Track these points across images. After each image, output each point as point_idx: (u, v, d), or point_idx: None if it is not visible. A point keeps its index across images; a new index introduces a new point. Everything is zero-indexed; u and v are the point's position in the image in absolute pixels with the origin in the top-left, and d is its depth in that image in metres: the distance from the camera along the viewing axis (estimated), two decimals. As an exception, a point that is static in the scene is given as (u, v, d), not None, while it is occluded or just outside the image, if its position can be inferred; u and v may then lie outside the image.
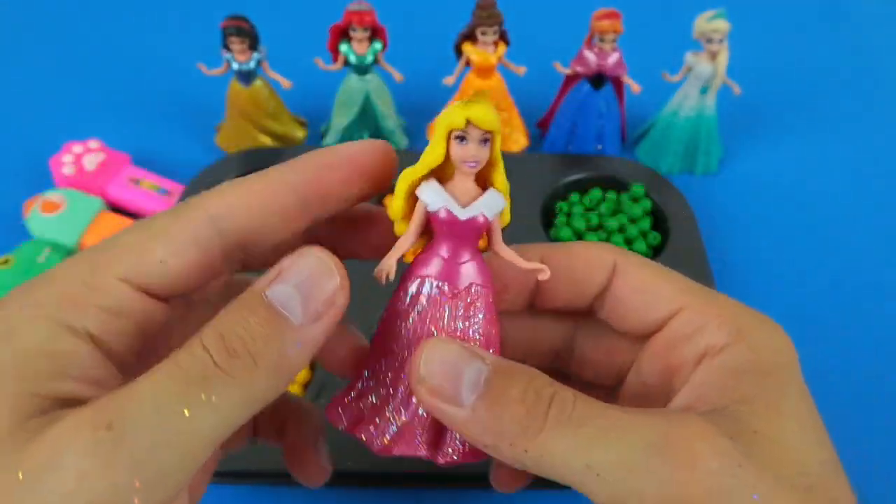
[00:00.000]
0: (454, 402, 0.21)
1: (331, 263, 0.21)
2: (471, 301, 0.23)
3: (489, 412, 0.20)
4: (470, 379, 0.21)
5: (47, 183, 0.59)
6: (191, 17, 0.78)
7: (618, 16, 0.57)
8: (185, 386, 0.19)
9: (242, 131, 0.61)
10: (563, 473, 0.20)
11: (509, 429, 0.20)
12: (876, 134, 0.70)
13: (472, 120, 0.21)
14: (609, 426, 0.20)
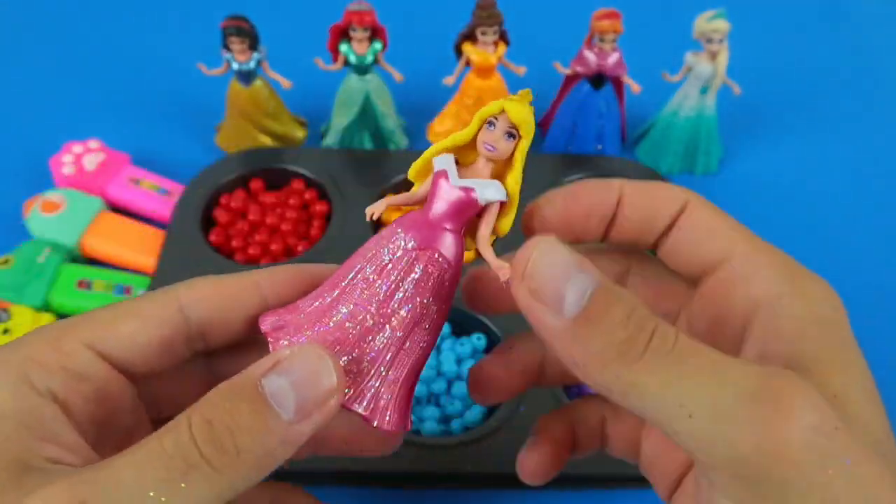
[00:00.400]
0: (555, 309, 0.20)
1: (330, 363, 0.21)
2: (427, 272, 0.23)
3: (589, 329, 0.19)
4: (576, 289, 0.20)
5: (47, 183, 0.59)
6: (191, 17, 0.78)
7: (618, 16, 0.57)
8: (166, 472, 0.19)
9: (242, 131, 0.61)
10: (653, 408, 0.19)
11: (606, 351, 0.19)
12: (876, 134, 0.70)
13: (506, 109, 0.23)
14: (709, 367, 0.19)
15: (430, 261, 0.23)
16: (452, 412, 0.45)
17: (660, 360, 0.19)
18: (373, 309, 0.23)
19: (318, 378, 0.21)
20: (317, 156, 0.60)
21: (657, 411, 0.19)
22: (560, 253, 0.20)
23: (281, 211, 0.56)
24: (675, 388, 0.19)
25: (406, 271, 0.23)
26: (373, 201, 0.61)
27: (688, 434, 0.19)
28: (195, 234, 0.53)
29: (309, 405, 0.20)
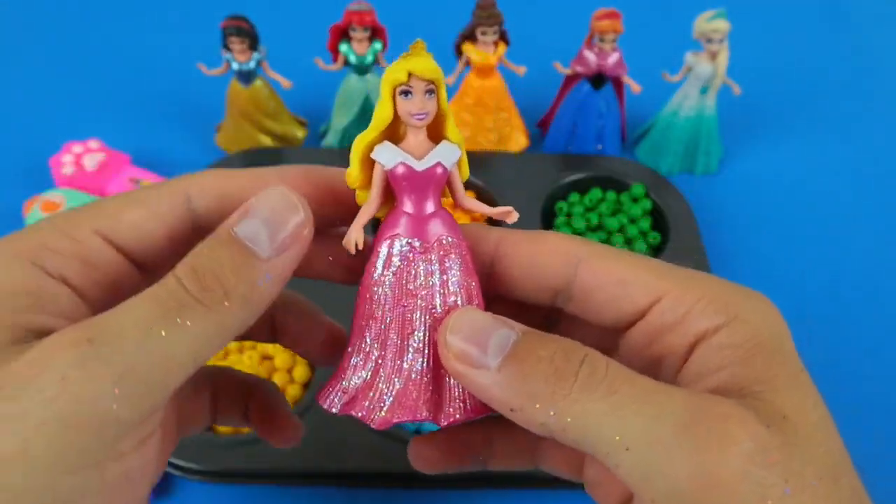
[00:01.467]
0: (481, 365, 0.20)
1: (294, 198, 0.22)
2: (444, 254, 0.23)
3: (516, 372, 0.20)
4: (497, 343, 0.21)
5: (47, 183, 0.59)
6: (191, 17, 0.78)
7: (618, 16, 0.57)
8: (162, 311, 0.20)
9: (242, 131, 0.61)
10: (591, 442, 0.19)
11: (537, 389, 0.19)
12: (876, 134, 0.70)
13: (414, 71, 0.22)
14: (643, 396, 0.19)
15: (442, 248, 0.23)
16: (452, 412, 0.45)
17: (592, 391, 0.19)
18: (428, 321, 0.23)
19: (285, 213, 0.22)
20: (317, 156, 0.60)
21: (595, 445, 0.19)
22: (475, 315, 0.22)
23: (281, 211, 0.56)
24: (611, 420, 0.19)
25: (431, 273, 0.23)
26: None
27: (627, 467, 0.19)
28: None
29: (284, 238, 0.22)
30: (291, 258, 0.22)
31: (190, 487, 0.44)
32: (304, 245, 0.22)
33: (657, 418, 0.19)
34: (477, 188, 0.58)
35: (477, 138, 0.62)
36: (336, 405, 0.24)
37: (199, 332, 0.20)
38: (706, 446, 0.18)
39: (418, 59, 0.22)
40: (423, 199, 0.23)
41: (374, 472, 0.42)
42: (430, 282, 0.23)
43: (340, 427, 0.43)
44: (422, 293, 0.23)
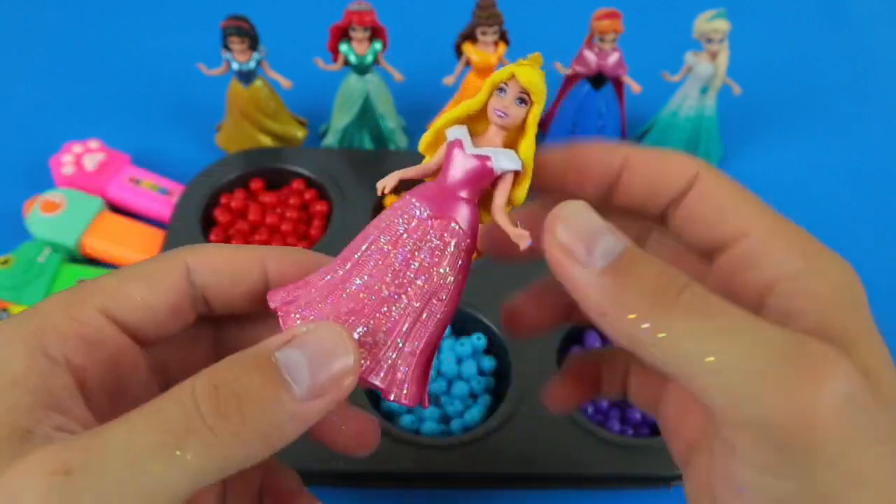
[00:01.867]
0: (584, 262, 0.19)
1: (348, 341, 0.20)
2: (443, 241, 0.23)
3: (619, 280, 0.19)
4: (605, 247, 0.20)
5: (47, 183, 0.59)
6: (191, 17, 0.78)
7: (618, 16, 0.57)
8: (162, 436, 0.18)
9: (242, 131, 0.61)
10: (679, 361, 0.19)
11: (636, 301, 0.19)
12: (876, 134, 0.70)
13: (516, 74, 0.22)
14: (742, 324, 0.19)
15: (446, 230, 0.23)
16: (452, 412, 0.45)
17: (691, 312, 0.19)
18: (388, 279, 0.22)
19: (334, 355, 0.20)
20: (317, 156, 0.60)
21: (684, 365, 0.18)
22: (590, 213, 0.21)
23: (281, 211, 0.56)
24: (706, 341, 0.18)
25: (422, 240, 0.23)
26: (373, 202, 0.62)
27: (715, 389, 0.18)
28: (195, 234, 0.53)
29: (324, 382, 0.19)
30: (324, 406, 0.20)
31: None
32: (342, 396, 0.20)
33: (755, 345, 0.18)
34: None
35: (477, 138, 0.62)
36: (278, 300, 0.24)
37: (197, 468, 0.18)
38: (804, 380, 0.18)
39: (526, 68, 0.22)
40: (459, 180, 0.23)
41: (373, 473, 0.42)
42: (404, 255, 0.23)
43: (340, 427, 0.43)
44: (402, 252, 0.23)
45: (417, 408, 0.46)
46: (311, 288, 0.23)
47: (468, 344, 0.47)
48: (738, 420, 0.18)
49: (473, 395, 0.46)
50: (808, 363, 0.18)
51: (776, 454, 0.18)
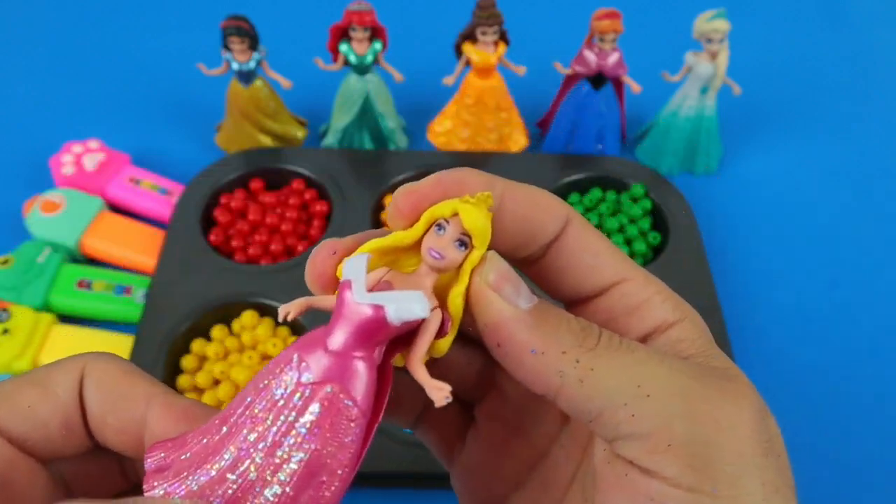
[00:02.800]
0: (512, 302, 0.20)
1: None
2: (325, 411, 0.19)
3: (545, 320, 0.20)
4: (527, 292, 0.20)
5: (47, 183, 0.59)
6: (191, 17, 0.78)
7: (618, 16, 0.57)
8: None
9: (242, 131, 0.61)
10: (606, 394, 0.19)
11: (565, 339, 0.20)
12: (876, 134, 0.70)
13: (461, 213, 0.19)
14: (659, 357, 0.20)
15: (329, 399, 0.19)
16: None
17: (613, 349, 0.20)
18: (258, 458, 0.19)
19: None
20: (317, 156, 0.60)
21: (611, 396, 0.19)
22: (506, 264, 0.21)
23: (281, 211, 0.56)
24: (632, 372, 0.19)
25: (300, 411, 0.19)
26: (373, 201, 0.61)
27: (646, 414, 0.19)
28: (195, 234, 0.53)
29: None
30: None
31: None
32: None
33: (678, 371, 0.20)
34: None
35: (477, 138, 0.62)
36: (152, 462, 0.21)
37: None
38: (723, 397, 0.19)
39: (472, 208, 0.19)
40: (348, 334, 0.19)
41: (373, 473, 0.42)
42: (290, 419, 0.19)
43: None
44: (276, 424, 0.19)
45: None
46: (186, 450, 0.20)
47: (468, 344, 0.47)
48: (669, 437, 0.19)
49: (473, 395, 0.46)
50: (726, 384, 0.20)
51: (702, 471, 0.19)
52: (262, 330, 0.49)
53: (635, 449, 0.19)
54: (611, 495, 0.20)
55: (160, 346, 0.47)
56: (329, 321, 0.20)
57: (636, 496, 0.19)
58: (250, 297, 0.50)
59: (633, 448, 0.19)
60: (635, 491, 0.19)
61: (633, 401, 0.19)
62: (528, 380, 0.20)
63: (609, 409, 0.19)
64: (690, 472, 0.19)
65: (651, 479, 0.19)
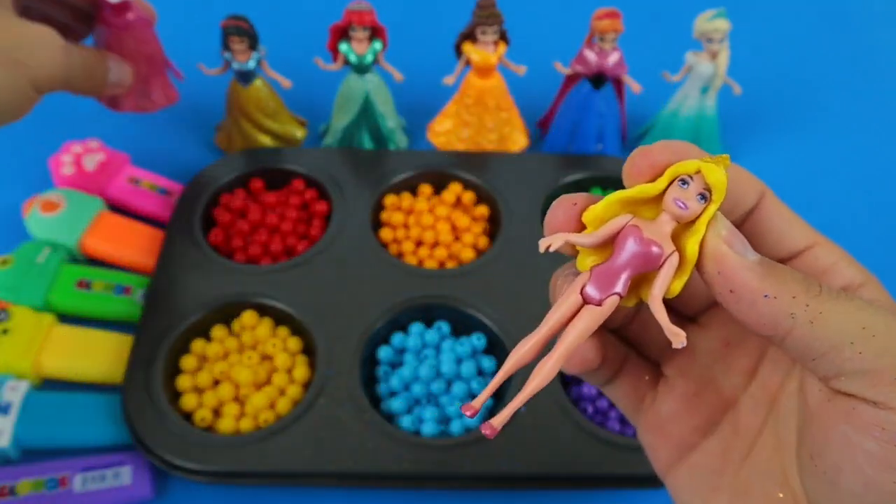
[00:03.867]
0: (742, 253, 0.22)
1: None
2: None
3: (773, 270, 0.22)
4: (751, 248, 0.22)
5: (47, 183, 0.59)
6: (191, 17, 0.78)
7: (618, 15, 0.57)
8: None
9: (242, 131, 0.61)
10: (831, 336, 0.21)
11: (794, 286, 0.22)
12: (876, 133, 0.70)
13: (703, 171, 0.22)
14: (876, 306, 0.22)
15: None
16: (452, 413, 0.45)
17: (835, 298, 0.22)
18: None
19: None
20: (317, 156, 0.60)
21: (837, 336, 0.21)
22: None
23: (281, 211, 0.56)
24: (856, 315, 0.21)
25: None
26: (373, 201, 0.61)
27: (873, 351, 0.21)
28: (195, 234, 0.53)
29: None
30: None
31: (190, 487, 0.44)
32: None
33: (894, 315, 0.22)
34: (477, 188, 0.58)
35: (477, 138, 0.62)
36: None
37: None
38: None
39: (713, 167, 0.22)
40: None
41: (374, 473, 0.42)
42: None
43: (341, 427, 0.43)
44: None
45: (417, 408, 0.46)
46: None
47: (468, 344, 0.47)
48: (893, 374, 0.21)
49: (473, 395, 0.46)
50: None
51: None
52: (262, 330, 0.49)
53: (862, 383, 0.21)
54: (834, 430, 0.22)
55: (160, 346, 0.46)
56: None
57: (866, 426, 0.21)
58: (250, 297, 0.50)
59: (859, 383, 0.21)
60: (864, 422, 0.21)
61: (860, 340, 0.21)
62: (760, 322, 0.22)
63: (837, 347, 0.21)
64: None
65: (880, 409, 0.21)
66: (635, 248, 0.23)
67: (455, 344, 0.48)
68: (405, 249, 0.54)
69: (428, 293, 0.50)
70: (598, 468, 0.42)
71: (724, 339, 0.27)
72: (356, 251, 0.53)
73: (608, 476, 0.42)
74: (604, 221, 0.24)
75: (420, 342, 0.48)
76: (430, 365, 0.46)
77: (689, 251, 0.23)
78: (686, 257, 0.23)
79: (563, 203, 0.25)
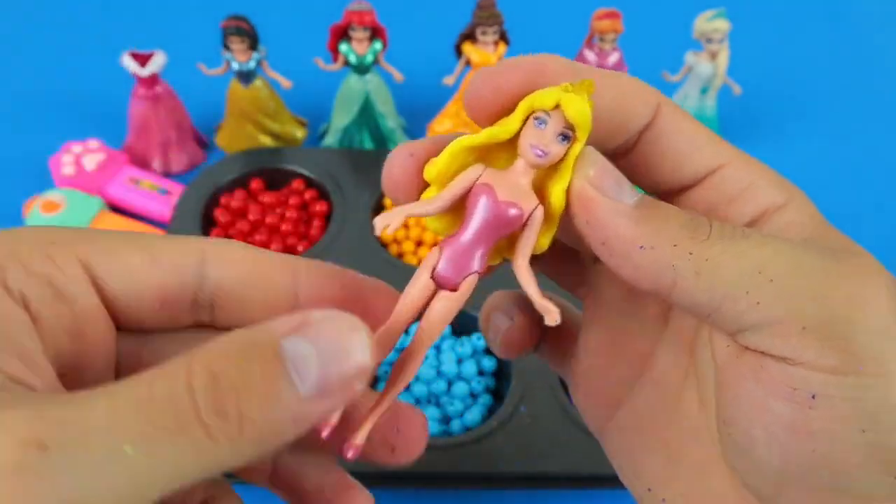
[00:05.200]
0: (614, 197, 0.19)
1: (365, 337, 0.17)
2: None
3: (653, 214, 0.19)
4: (630, 187, 0.19)
5: (47, 183, 0.59)
6: (190, 17, 0.78)
7: (618, 15, 0.57)
8: (150, 427, 0.15)
9: (242, 131, 0.61)
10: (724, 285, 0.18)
11: (676, 233, 0.18)
12: (876, 133, 0.70)
13: (563, 105, 0.18)
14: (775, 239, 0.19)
15: None
16: (452, 412, 0.45)
17: (727, 238, 0.18)
18: None
19: (348, 351, 0.17)
20: (317, 156, 0.60)
21: (731, 286, 0.18)
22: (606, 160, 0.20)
23: (281, 211, 0.56)
24: (750, 258, 0.18)
25: None
26: (373, 201, 0.61)
27: (770, 299, 0.18)
28: (195, 234, 0.53)
29: (333, 381, 0.16)
30: (328, 409, 0.17)
31: (190, 487, 0.44)
32: (350, 400, 0.17)
33: (798, 251, 0.18)
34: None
35: (477, 138, 0.62)
36: None
37: (181, 468, 0.15)
38: (852, 272, 0.18)
39: (574, 97, 0.18)
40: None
41: (372, 473, 0.42)
42: None
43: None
44: None
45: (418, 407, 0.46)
46: None
47: (468, 344, 0.47)
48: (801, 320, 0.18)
49: (473, 395, 0.46)
50: (855, 260, 0.18)
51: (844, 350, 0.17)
52: (262, 330, 0.49)
53: (766, 337, 0.18)
54: (745, 391, 0.19)
55: (160, 346, 0.46)
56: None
57: (776, 387, 0.18)
58: (250, 297, 0.50)
59: (763, 337, 0.18)
60: (774, 382, 0.18)
61: (756, 287, 0.18)
62: (638, 277, 0.19)
63: (730, 298, 0.18)
64: (832, 353, 0.17)
65: (788, 366, 0.18)
66: (489, 215, 0.19)
67: (455, 344, 0.47)
68: (405, 249, 0.54)
69: (428, 293, 0.50)
70: (598, 468, 0.42)
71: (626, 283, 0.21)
72: (356, 251, 0.53)
73: (608, 476, 0.42)
74: (450, 176, 0.20)
75: (420, 342, 0.48)
76: (431, 365, 0.46)
77: (553, 201, 0.19)
78: (551, 209, 0.19)
79: (399, 155, 0.20)
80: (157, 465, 0.15)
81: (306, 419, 0.17)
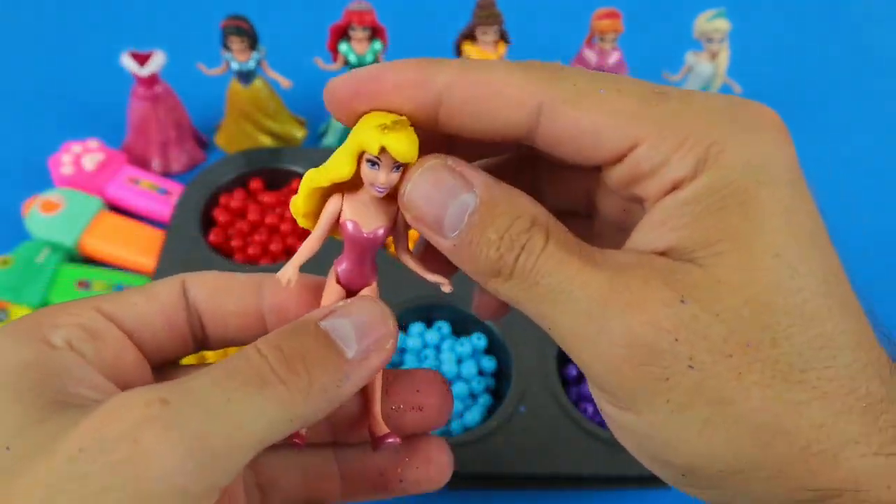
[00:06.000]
0: (438, 233, 0.20)
1: (387, 310, 0.22)
2: None
3: (466, 252, 0.20)
4: (454, 213, 0.20)
5: (46, 182, 0.58)
6: (191, 16, 0.78)
7: (618, 15, 0.57)
8: (242, 381, 0.19)
9: (242, 131, 0.61)
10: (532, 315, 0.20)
11: (483, 270, 0.20)
12: (876, 133, 0.70)
13: (388, 148, 0.20)
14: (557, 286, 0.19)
15: None
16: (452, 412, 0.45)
17: (523, 280, 0.19)
18: None
19: (376, 321, 0.22)
20: (317, 156, 0.60)
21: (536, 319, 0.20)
22: (440, 176, 0.20)
23: (280, 211, 0.56)
24: (534, 306, 0.20)
25: None
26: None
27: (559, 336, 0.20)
28: (195, 234, 0.53)
29: (370, 345, 0.21)
30: (372, 367, 0.22)
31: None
32: (386, 359, 0.22)
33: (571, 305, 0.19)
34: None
35: (477, 138, 0.62)
36: None
37: (273, 417, 0.19)
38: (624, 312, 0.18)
39: (395, 137, 0.19)
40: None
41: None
42: None
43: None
44: None
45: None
46: None
47: (468, 344, 0.47)
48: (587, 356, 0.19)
49: (473, 395, 0.46)
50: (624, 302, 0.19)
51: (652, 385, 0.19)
52: (261, 330, 0.49)
53: None
54: None
55: (160, 346, 0.46)
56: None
57: None
58: (250, 297, 0.50)
59: None
60: None
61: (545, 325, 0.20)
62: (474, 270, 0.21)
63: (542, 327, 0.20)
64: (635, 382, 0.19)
65: None
66: (363, 244, 0.23)
67: (455, 344, 0.47)
68: (405, 249, 0.54)
69: (428, 293, 0.50)
70: (598, 468, 0.42)
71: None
72: (356, 251, 0.53)
73: (608, 476, 0.42)
74: (315, 210, 0.23)
75: (420, 342, 0.48)
76: (431, 365, 0.46)
77: None
78: None
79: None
80: (253, 413, 0.19)
81: (358, 378, 0.21)
